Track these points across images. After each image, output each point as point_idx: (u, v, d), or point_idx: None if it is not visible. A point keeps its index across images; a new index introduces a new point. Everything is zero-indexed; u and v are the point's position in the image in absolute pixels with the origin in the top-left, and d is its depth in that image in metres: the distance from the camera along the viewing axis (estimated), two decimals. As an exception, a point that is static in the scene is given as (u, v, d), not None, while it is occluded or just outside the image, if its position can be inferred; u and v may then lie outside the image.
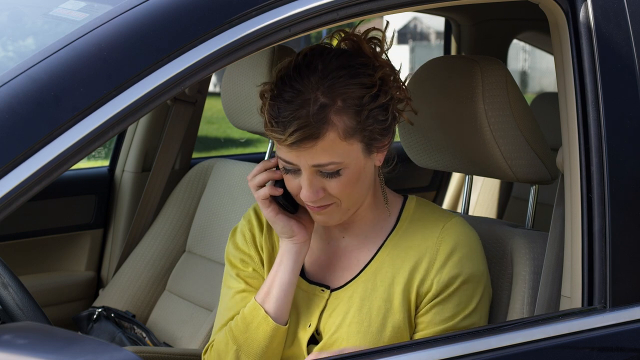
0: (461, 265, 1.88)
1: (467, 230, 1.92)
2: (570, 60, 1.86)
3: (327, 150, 1.78)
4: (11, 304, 1.87)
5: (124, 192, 3.45)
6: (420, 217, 1.95)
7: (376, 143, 1.83)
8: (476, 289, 1.89)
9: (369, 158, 1.84)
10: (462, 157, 2.13)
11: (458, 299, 1.88)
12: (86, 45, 1.53)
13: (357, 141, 1.80)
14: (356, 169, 1.82)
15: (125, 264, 3.27)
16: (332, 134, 1.77)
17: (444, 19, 3.99)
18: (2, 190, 1.43)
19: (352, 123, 1.78)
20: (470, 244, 1.90)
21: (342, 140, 1.78)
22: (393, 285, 1.89)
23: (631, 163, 1.86)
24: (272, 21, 1.61)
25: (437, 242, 1.90)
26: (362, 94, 1.79)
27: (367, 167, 1.85)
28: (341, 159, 1.79)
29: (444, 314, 1.87)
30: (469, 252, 1.89)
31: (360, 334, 1.87)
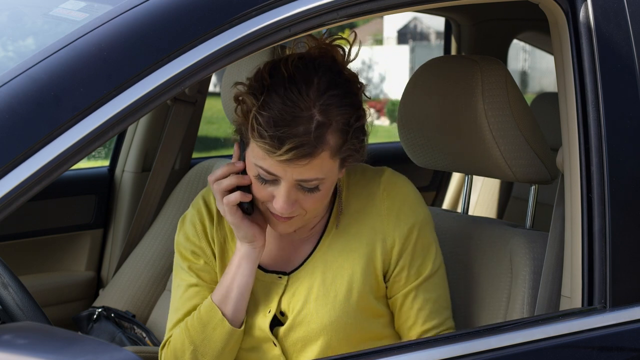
0: (412, 212, 1.93)
1: (401, 179, 1.96)
2: (570, 60, 1.86)
3: (317, 167, 1.79)
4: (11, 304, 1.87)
5: (124, 192, 3.45)
6: (355, 182, 1.96)
7: (350, 160, 1.86)
8: (431, 230, 1.96)
9: (340, 172, 1.88)
10: (462, 157, 2.13)
11: (421, 245, 1.93)
12: (86, 45, 1.53)
13: (338, 158, 1.83)
14: (331, 184, 1.86)
15: (125, 264, 3.27)
16: (326, 152, 1.78)
17: (444, 19, 3.99)
18: (2, 190, 1.43)
19: (340, 142, 1.80)
20: (412, 190, 1.96)
21: (331, 158, 1.80)
22: (353, 252, 1.91)
23: (631, 163, 1.86)
24: (272, 21, 1.61)
25: (381, 199, 1.93)
26: (351, 115, 1.81)
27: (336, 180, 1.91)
28: (325, 175, 1.81)
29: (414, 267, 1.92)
30: (414, 198, 1.95)
31: (327, 305, 1.89)
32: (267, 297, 1.95)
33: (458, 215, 2.26)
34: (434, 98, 2.13)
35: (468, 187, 2.33)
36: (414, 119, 2.17)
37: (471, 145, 2.07)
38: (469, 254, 2.10)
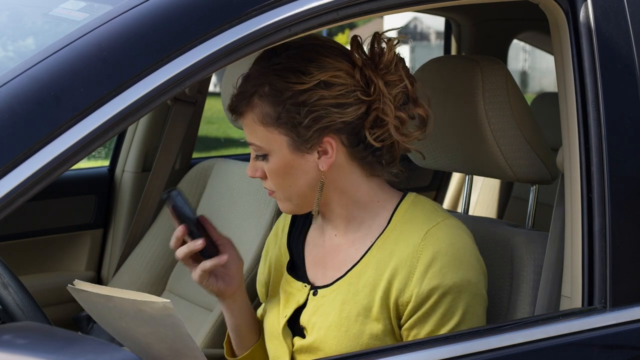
0: (441, 275, 1.78)
1: (452, 236, 1.82)
2: (570, 60, 1.86)
3: (249, 128, 1.85)
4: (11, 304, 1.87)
5: (124, 192, 3.45)
6: (410, 219, 1.86)
7: (304, 143, 1.81)
8: (460, 300, 1.79)
9: (299, 156, 1.83)
10: (462, 157, 2.13)
11: (440, 312, 1.79)
12: (86, 45, 1.53)
13: (278, 132, 1.82)
14: (281, 161, 1.83)
15: (125, 264, 3.27)
16: (251, 114, 1.83)
17: (444, 19, 3.99)
18: (3, 190, 1.43)
19: (271, 112, 1.81)
20: (454, 252, 1.80)
21: (260, 125, 1.82)
22: (374, 291, 1.83)
23: (631, 163, 1.86)
24: (273, 21, 1.61)
25: (418, 249, 1.80)
26: (287, 87, 1.80)
27: (300, 164, 1.83)
28: (262, 144, 1.83)
29: (426, 328, 1.80)
30: (452, 260, 1.79)
31: (337, 338, 1.84)
32: (287, 302, 1.95)
33: (458, 215, 2.25)
34: (434, 98, 2.12)
35: (468, 187, 2.33)
36: (414, 119, 2.17)
37: (471, 145, 2.07)
38: (469, 254, 2.09)
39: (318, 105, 1.79)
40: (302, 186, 1.86)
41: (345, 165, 1.86)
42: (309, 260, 1.97)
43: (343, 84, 1.81)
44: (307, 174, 1.85)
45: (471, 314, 1.81)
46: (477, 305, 1.82)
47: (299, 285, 1.95)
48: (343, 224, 1.92)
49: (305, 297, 1.92)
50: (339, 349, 1.84)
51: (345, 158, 1.86)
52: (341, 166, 1.86)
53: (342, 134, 1.83)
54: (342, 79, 1.81)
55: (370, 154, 1.87)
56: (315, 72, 1.80)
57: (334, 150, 1.83)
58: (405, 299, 1.80)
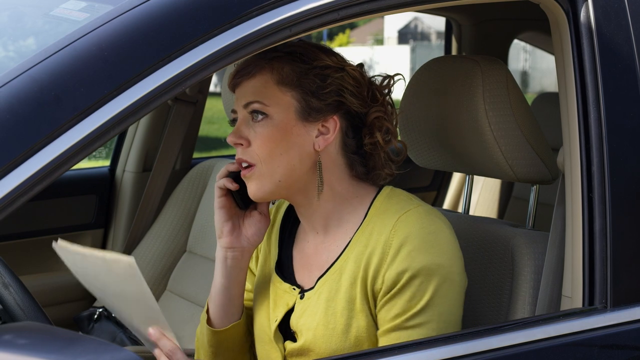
0: (410, 258, 1.79)
1: (423, 221, 1.83)
2: (571, 60, 1.86)
3: (257, 88, 1.84)
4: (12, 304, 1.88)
5: (125, 192, 3.45)
6: (384, 210, 1.88)
7: (313, 113, 1.84)
8: (429, 283, 1.79)
9: (301, 125, 1.84)
10: (463, 157, 2.13)
11: (408, 294, 1.79)
12: (87, 46, 1.53)
13: (291, 95, 1.84)
14: (281, 125, 1.83)
15: (126, 264, 3.26)
16: (266, 75, 1.84)
17: (444, 19, 3.99)
18: (3, 190, 1.43)
19: (293, 74, 1.84)
20: (424, 235, 1.80)
21: (275, 84, 1.84)
22: (355, 284, 1.85)
23: (632, 163, 1.86)
24: (273, 21, 1.61)
25: (390, 235, 1.82)
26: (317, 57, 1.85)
27: (298, 134, 1.84)
28: (268, 102, 1.83)
29: (393, 310, 1.81)
30: (421, 243, 1.79)
31: (325, 337, 1.85)
32: (276, 306, 1.95)
33: (459, 215, 2.26)
34: (434, 98, 2.12)
35: (469, 187, 2.33)
36: (414, 119, 2.17)
37: (472, 145, 2.07)
38: (469, 254, 2.09)
39: (339, 82, 1.86)
40: (292, 158, 1.85)
41: (335, 157, 1.89)
42: (297, 262, 1.98)
43: (359, 79, 1.89)
44: (302, 147, 1.85)
45: (441, 297, 1.80)
46: (448, 289, 1.81)
47: (286, 287, 1.96)
48: (322, 221, 1.92)
49: (294, 301, 1.93)
50: (329, 347, 1.85)
51: (338, 150, 1.88)
52: (332, 156, 1.88)
53: (346, 120, 1.88)
54: (360, 76, 1.89)
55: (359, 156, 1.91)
56: (341, 59, 1.89)
57: (334, 132, 1.86)
58: (378, 284, 1.82)
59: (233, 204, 1.94)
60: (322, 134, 1.86)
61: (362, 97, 1.89)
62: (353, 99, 1.87)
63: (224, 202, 1.93)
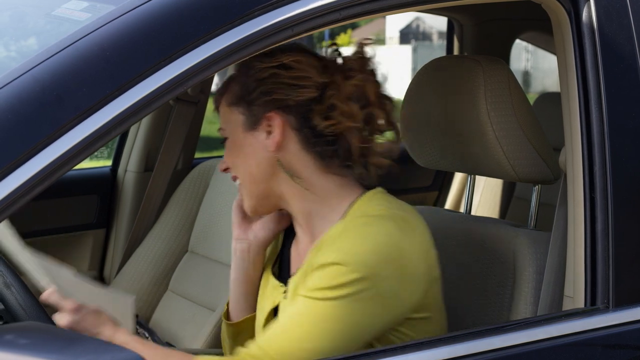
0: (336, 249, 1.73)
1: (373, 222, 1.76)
2: (572, 60, 1.86)
3: (221, 114, 1.91)
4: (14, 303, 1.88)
5: (127, 192, 3.45)
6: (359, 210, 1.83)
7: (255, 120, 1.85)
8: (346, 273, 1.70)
9: (250, 135, 1.86)
10: (465, 157, 2.13)
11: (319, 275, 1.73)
12: (89, 46, 1.53)
13: (238, 112, 1.87)
14: (235, 141, 1.88)
15: (127, 264, 3.27)
16: (225, 97, 1.90)
17: (446, 19, 3.99)
18: (5, 190, 1.44)
19: (238, 90, 1.87)
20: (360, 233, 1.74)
21: (227, 106, 1.89)
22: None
23: (634, 162, 1.86)
24: (275, 21, 1.61)
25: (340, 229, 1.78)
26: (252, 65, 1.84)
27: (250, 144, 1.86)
28: (224, 125, 1.90)
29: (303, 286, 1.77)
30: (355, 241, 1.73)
31: None
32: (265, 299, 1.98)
33: (461, 216, 2.26)
34: (436, 98, 2.12)
35: (470, 187, 2.33)
36: (416, 119, 2.17)
37: (474, 145, 2.07)
38: (471, 254, 2.09)
39: (270, 81, 1.85)
40: (252, 167, 1.87)
41: (299, 154, 1.85)
42: (293, 262, 1.99)
43: (302, 68, 1.84)
44: (257, 154, 1.87)
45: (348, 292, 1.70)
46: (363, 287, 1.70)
47: (276, 283, 1.96)
48: (304, 220, 1.91)
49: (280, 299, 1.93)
50: None
51: (298, 145, 1.85)
52: (294, 154, 1.85)
53: (290, 114, 1.84)
54: (303, 64, 1.84)
55: (325, 146, 1.85)
56: (279, 54, 1.85)
57: (279, 129, 1.84)
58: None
59: None
60: (269, 133, 1.85)
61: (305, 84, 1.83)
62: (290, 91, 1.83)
63: None
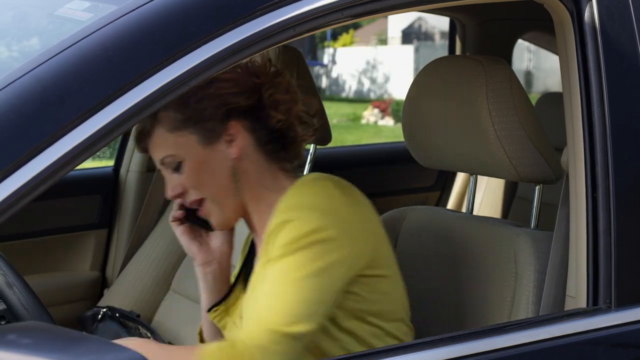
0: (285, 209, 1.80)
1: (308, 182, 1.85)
2: (575, 60, 1.86)
3: (159, 144, 1.90)
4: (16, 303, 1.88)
5: (129, 192, 3.45)
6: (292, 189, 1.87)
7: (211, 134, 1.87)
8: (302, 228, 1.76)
9: (210, 149, 1.88)
10: (467, 157, 2.13)
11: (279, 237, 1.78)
12: (91, 45, 1.53)
13: (188, 133, 1.87)
14: (196, 160, 1.88)
15: (130, 264, 3.27)
16: (160, 128, 1.88)
17: (448, 19, 3.99)
18: (7, 190, 1.44)
19: (178, 115, 1.87)
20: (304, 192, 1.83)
21: (170, 133, 1.88)
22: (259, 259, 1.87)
23: (636, 162, 1.85)
24: (277, 21, 1.61)
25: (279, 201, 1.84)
26: None
27: (213, 158, 1.88)
28: (174, 151, 1.88)
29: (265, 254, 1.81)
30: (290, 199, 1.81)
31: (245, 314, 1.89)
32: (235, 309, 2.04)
33: (463, 215, 2.26)
34: (438, 98, 2.12)
35: (472, 187, 2.33)
36: (418, 119, 2.17)
37: (476, 145, 2.07)
38: (473, 253, 2.09)
39: (217, 94, 1.87)
40: (219, 179, 1.89)
41: (253, 155, 1.90)
42: None
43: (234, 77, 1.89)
44: (221, 164, 1.89)
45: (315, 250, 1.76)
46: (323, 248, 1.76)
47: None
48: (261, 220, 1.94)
49: None
50: None
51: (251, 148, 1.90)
52: (250, 157, 1.90)
53: (245, 118, 1.89)
54: (233, 73, 1.90)
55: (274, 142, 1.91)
56: None
57: (239, 134, 1.88)
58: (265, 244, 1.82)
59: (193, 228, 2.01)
60: (231, 141, 1.89)
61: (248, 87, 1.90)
62: (237, 98, 1.89)
63: (181, 229, 2.01)
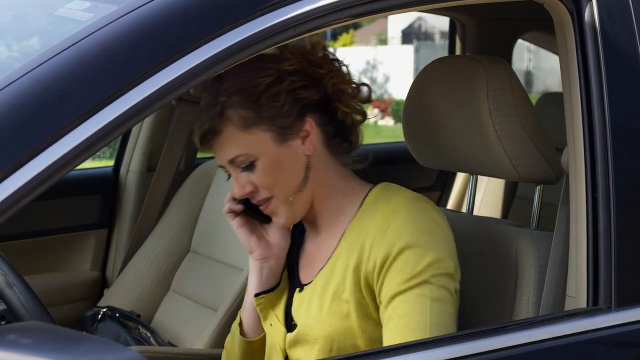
0: (398, 233, 1.81)
1: (410, 202, 1.86)
2: (575, 60, 1.86)
3: (230, 143, 1.85)
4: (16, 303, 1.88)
5: (129, 192, 3.45)
6: (378, 198, 1.91)
7: (287, 131, 1.85)
8: (423, 254, 1.80)
9: (285, 146, 1.86)
10: (467, 157, 2.13)
11: (400, 265, 1.80)
12: (91, 46, 1.53)
13: (261, 131, 1.84)
14: (270, 158, 1.86)
15: (130, 264, 3.27)
16: (230, 127, 1.84)
17: (448, 19, 3.99)
18: (8, 191, 1.44)
19: (249, 113, 1.83)
20: (411, 212, 1.84)
21: (242, 131, 1.84)
22: (347, 268, 1.87)
23: (636, 162, 1.85)
24: (277, 21, 1.61)
25: (381, 217, 1.85)
26: (257, 83, 1.84)
27: (287, 155, 1.87)
28: (247, 150, 1.85)
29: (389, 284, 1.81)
30: (408, 219, 1.82)
31: (318, 318, 1.88)
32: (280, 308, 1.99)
33: (463, 215, 2.25)
34: (438, 98, 2.12)
35: (473, 187, 2.33)
36: (418, 119, 2.17)
37: (476, 145, 2.07)
38: (473, 254, 2.09)
39: (291, 88, 1.85)
40: (293, 177, 1.88)
41: (321, 150, 1.91)
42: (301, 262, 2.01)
43: (300, 69, 1.87)
44: (295, 162, 1.88)
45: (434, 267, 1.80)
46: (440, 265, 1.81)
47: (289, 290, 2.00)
48: (325, 218, 1.95)
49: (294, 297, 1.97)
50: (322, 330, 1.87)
51: (322, 142, 1.91)
52: (319, 151, 1.90)
53: (316, 112, 1.89)
54: (298, 65, 1.87)
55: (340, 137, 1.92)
56: (273, 65, 1.86)
57: (313, 129, 1.88)
58: (370, 266, 1.83)
59: (250, 220, 1.97)
60: (306, 137, 1.88)
61: (314, 79, 1.89)
62: (308, 92, 1.88)
63: (239, 222, 1.97)
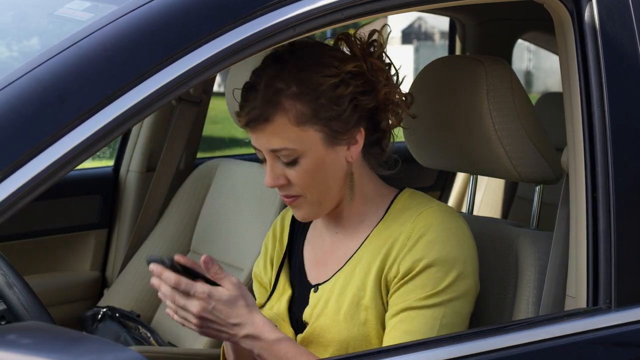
0: (427, 248, 1.80)
1: (444, 216, 1.84)
2: (575, 60, 1.86)
3: (278, 134, 1.79)
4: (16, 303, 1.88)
5: (129, 192, 3.45)
6: (406, 206, 1.89)
7: (339, 135, 1.82)
8: (447, 273, 1.80)
9: (332, 150, 1.83)
10: (467, 157, 2.13)
11: (421, 282, 1.79)
12: (91, 45, 1.53)
13: (313, 130, 1.80)
14: (315, 159, 1.82)
15: (130, 264, 3.27)
16: (283, 118, 1.79)
17: (448, 19, 3.99)
18: (7, 191, 1.44)
19: (306, 110, 1.79)
20: (444, 229, 1.82)
21: (294, 126, 1.79)
22: (367, 275, 1.85)
23: (636, 162, 1.85)
24: (277, 21, 1.61)
25: (410, 228, 1.83)
26: (321, 81, 1.80)
27: (332, 159, 1.84)
28: (295, 145, 1.80)
29: (404, 295, 1.80)
30: (440, 236, 1.81)
31: (335, 321, 1.86)
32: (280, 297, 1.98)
33: (462, 215, 2.25)
34: (438, 98, 2.12)
35: (473, 187, 2.33)
36: (418, 119, 2.17)
37: (475, 145, 2.07)
38: (473, 254, 2.09)
39: (354, 94, 1.82)
40: (331, 182, 1.86)
41: (360, 159, 1.89)
42: (309, 261, 1.98)
43: (362, 72, 1.84)
44: (337, 167, 1.85)
45: (454, 289, 1.81)
46: (461, 284, 1.82)
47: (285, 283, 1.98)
48: (348, 220, 1.93)
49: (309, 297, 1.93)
50: (337, 334, 1.85)
51: (363, 150, 1.89)
52: (358, 160, 1.89)
53: (367, 120, 1.87)
54: (361, 67, 1.84)
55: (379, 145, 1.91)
56: (339, 64, 1.83)
57: (361, 137, 1.85)
58: (392, 273, 1.82)
59: None
60: (352, 145, 1.86)
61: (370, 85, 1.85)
62: (366, 99, 1.85)
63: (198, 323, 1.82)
